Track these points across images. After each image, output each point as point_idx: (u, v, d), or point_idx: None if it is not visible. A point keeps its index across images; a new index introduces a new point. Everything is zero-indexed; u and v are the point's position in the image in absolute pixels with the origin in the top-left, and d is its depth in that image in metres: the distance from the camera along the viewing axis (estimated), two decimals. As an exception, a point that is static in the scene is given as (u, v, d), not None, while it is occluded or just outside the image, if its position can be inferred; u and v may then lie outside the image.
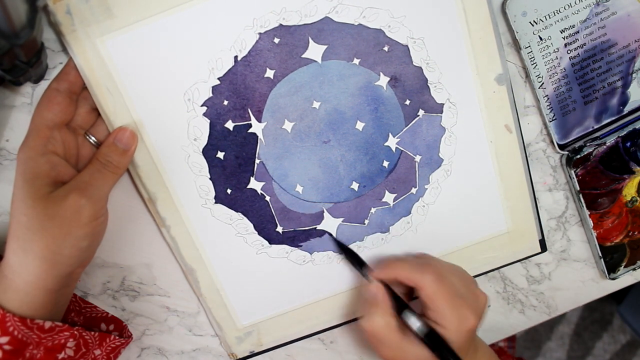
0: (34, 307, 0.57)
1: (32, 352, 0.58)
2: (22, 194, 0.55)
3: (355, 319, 0.74)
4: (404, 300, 0.64)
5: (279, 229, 0.68)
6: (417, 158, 0.68)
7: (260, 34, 0.60)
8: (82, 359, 0.63)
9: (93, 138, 0.62)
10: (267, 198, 0.67)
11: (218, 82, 0.61)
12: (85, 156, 0.62)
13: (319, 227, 0.69)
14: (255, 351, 0.74)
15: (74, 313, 0.67)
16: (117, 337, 0.66)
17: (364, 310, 0.63)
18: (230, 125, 0.63)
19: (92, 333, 0.63)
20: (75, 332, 0.60)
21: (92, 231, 0.58)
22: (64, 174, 0.58)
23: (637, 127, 0.71)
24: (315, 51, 0.62)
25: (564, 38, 0.67)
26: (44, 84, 0.61)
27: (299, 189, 0.67)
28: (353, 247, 0.70)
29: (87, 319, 0.68)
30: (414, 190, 0.69)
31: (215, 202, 0.66)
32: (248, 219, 0.67)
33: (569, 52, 0.68)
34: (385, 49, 0.63)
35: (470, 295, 0.64)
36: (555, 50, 0.68)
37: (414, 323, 0.62)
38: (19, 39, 0.45)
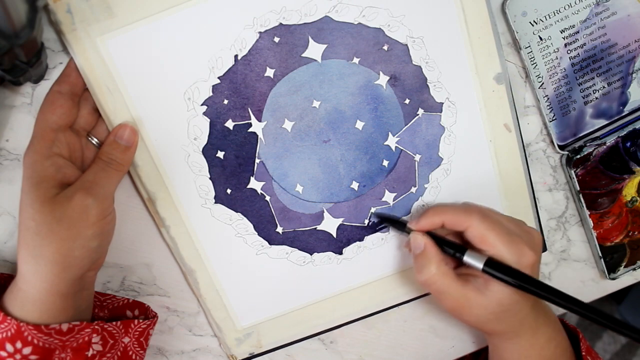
0: (53, 315, 0.57)
1: (60, 356, 0.58)
2: (29, 199, 0.56)
3: (355, 320, 0.74)
4: (455, 242, 0.63)
5: (279, 229, 0.68)
6: (417, 157, 0.68)
7: (260, 33, 0.60)
8: (113, 350, 0.63)
9: (95, 139, 0.62)
10: (267, 198, 0.67)
11: (218, 81, 0.61)
12: (90, 157, 0.62)
13: (319, 227, 0.69)
14: (255, 352, 0.74)
15: (97, 309, 0.67)
16: (141, 321, 0.65)
17: (416, 266, 0.63)
18: (230, 124, 0.63)
19: (114, 323, 0.63)
20: (96, 326, 0.60)
21: (101, 230, 0.58)
22: (69, 176, 0.58)
23: (637, 127, 0.71)
24: (315, 50, 0.62)
25: (564, 38, 0.67)
26: (44, 84, 0.61)
27: (299, 188, 0.67)
28: (353, 247, 0.70)
29: (112, 310, 0.68)
30: (413, 190, 0.69)
31: (215, 202, 0.66)
32: (248, 219, 0.67)
33: (569, 52, 0.68)
34: (385, 48, 0.63)
35: (523, 232, 0.62)
36: (555, 50, 0.68)
37: (474, 258, 0.60)
38: (19, 39, 0.45)
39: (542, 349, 0.65)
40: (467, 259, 0.60)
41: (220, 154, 0.64)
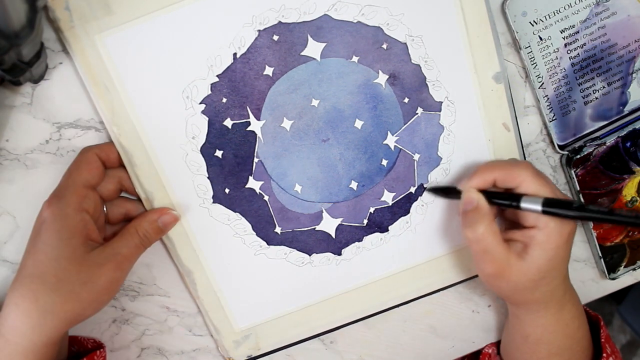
0: None
1: None
2: (56, 253, 0.55)
3: (355, 321, 0.73)
4: (508, 193, 0.63)
5: (278, 229, 0.68)
6: (416, 156, 0.68)
7: (259, 31, 0.60)
8: None
9: (104, 211, 0.63)
10: (266, 198, 0.67)
11: (217, 79, 0.61)
12: (103, 222, 0.63)
13: (317, 227, 0.69)
14: (253, 355, 0.73)
15: None
16: (100, 351, 0.67)
17: (466, 222, 0.62)
18: (229, 123, 0.63)
19: None
20: None
21: (114, 295, 0.61)
22: (92, 232, 0.58)
23: (637, 127, 0.71)
24: (314, 49, 0.62)
25: (564, 38, 0.67)
26: (44, 84, 0.61)
27: (298, 188, 0.67)
28: (352, 248, 0.70)
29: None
30: (412, 189, 0.69)
31: (214, 202, 0.66)
32: (246, 219, 0.67)
33: (569, 52, 0.68)
34: (384, 46, 0.63)
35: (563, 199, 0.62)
36: (555, 50, 0.68)
37: (531, 202, 0.59)
38: (19, 39, 0.45)
39: (566, 326, 0.66)
40: (525, 204, 0.60)
41: (219, 153, 0.64)
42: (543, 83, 0.69)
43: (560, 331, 0.66)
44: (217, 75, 0.61)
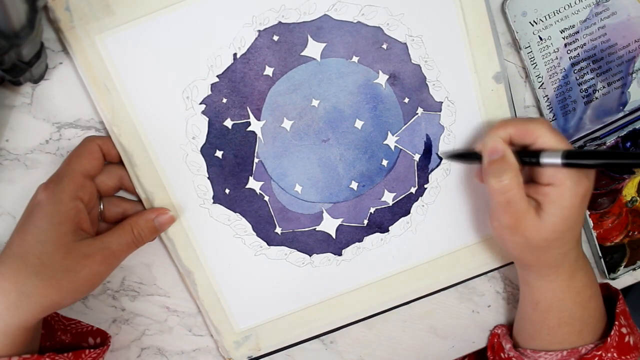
0: (9, 347, 0.56)
1: None
2: (43, 236, 0.55)
3: (355, 322, 0.73)
4: (527, 149, 0.61)
5: (278, 229, 0.68)
6: (416, 157, 0.68)
7: (259, 31, 0.60)
8: None
9: (101, 207, 0.63)
10: (266, 198, 0.66)
11: (217, 79, 0.61)
12: (96, 214, 0.63)
13: (318, 228, 0.69)
14: (254, 356, 0.73)
15: (60, 332, 0.67)
16: (91, 350, 0.64)
17: (492, 171, 0.60)
18: (229, 123, 0.63)
19: (66, 354, 0.61)
20: (47, 358, 0.59)
21: (95, 288, 0.59)
22: (83, 222, 0.58)
23: (637, 127, 0.71)
24: (314, 49, 0.62)
25: (564, 38, 0.67)
26: (44, 84, 0.61)
27: (298, 188, 0.67)
28: (352, 248, 0.70)
29: (75, 335, 0.68)
30: (413, 190, 0.69)
31: (214, 202, 0.66)
32: (246, 219, 0.67)
33: (569, 52, 0.68)
34: (384, 46, 0.63)
35: None
36: (555, 50, 0.68)
37: (551, 156, 0.57)
38: (19, 39, 0.45)
39: (577, 294, 0.66)
40: (545, 159, 0.58)
41: (219, 154, 0.64)
42: (543, 83, 0.69)
43: (571, 298, 0.65)
44: (217, 76, 0.61)
